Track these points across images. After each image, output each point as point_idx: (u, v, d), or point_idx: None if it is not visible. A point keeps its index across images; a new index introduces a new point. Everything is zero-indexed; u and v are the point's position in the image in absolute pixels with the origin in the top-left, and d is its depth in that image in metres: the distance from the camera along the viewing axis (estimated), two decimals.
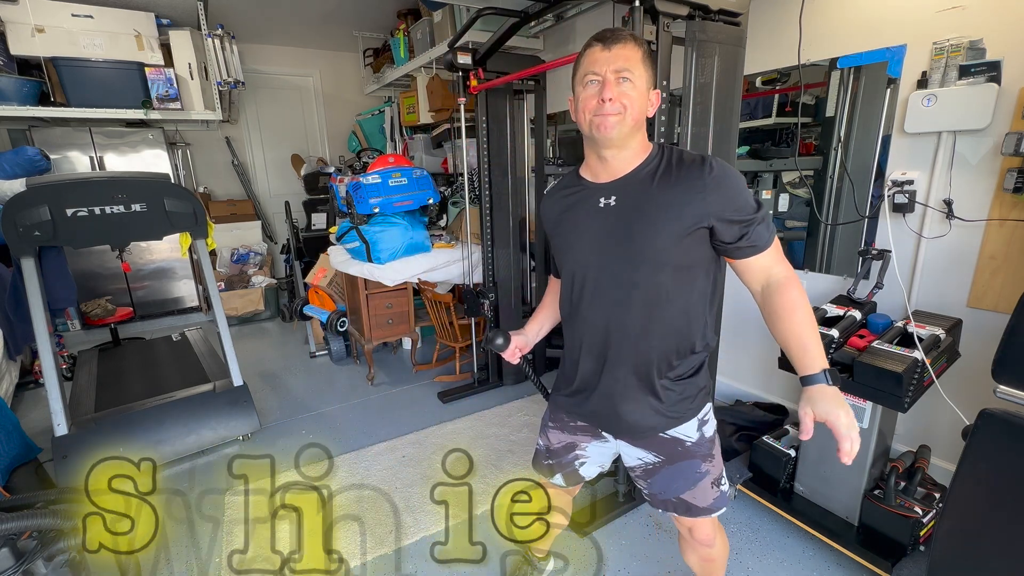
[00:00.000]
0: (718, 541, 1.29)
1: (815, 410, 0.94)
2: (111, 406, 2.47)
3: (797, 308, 1.01)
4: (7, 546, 1.12)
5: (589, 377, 1.18)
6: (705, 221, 1.01)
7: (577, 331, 1.18)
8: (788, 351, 1.02)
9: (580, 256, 1.13)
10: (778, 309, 1.02)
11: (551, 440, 1.34)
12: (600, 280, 1.10)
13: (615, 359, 1.12)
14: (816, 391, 0.95)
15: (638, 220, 1.04)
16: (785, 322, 1.01)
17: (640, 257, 1.04)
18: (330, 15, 4.11)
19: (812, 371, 0.97)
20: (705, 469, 1.17)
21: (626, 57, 0.99)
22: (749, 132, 2.38)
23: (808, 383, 0.97)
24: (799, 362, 0.99)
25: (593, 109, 1.01)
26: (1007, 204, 1.63)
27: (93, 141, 3.93)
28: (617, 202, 1.07)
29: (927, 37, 1.74)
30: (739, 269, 1.08)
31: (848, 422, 0.91)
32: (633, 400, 1.13)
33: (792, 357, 1.01)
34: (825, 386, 0.95)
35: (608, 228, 1.07)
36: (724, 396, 2.62)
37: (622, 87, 0.99)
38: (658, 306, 1.07)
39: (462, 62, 2.53)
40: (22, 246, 2.11)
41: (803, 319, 1.00)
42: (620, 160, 1.07)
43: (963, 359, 1.73)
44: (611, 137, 1.01)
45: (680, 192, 1.01)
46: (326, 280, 3.56)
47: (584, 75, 1.03)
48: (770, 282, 1.05)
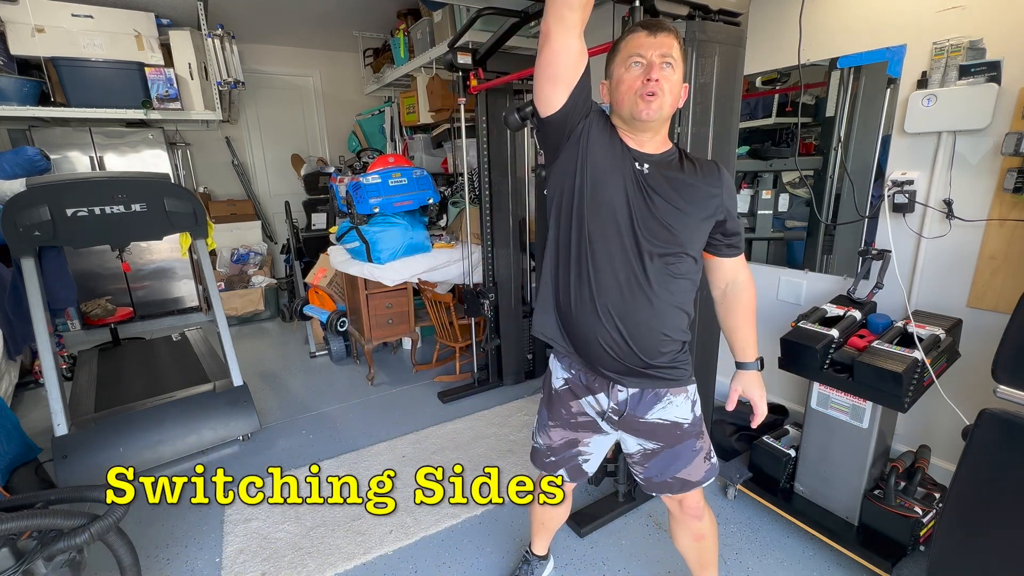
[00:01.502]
0: (707, 515, 1.35)
1: (743, 388, 1.28)
2: (111, 406, 2.47)
3: (751, 308, 1.26)
4: (7, 546, 1.12)
5: (586, 325, 1.15)
6: (720, 213, 1.14)
7: (584, 280, 1.13)
8: (734, 341, 1.28)
9: (610, 192, 1.08)
10: (738, 307, 1.25)
11: (552, 438, 1.34)
12: (618, 240, 1.09)
13: (620, 315, 1.12)
14: (749, 375, 1.27)
15: (670, 193, 1.09)
16: (740, 319, 1.26)
17: (665, 226, 1.09)
18: (330, 15, 4.11)
19: (750, 360, 1.27)
20: (699, 446, 1.27)
21: (669, 45, 1.04)
22: (749, 132, 2.38)
23: (744, 368, 1.28)
24: (742, 352, 1.27)
25: (638, 89, 1.04)
26: (1007, 204, 1.63)
27: (93, 141, 3.92)
28: (650, 171, 1.10)
29: (927, 37, 1.74)
30: (713, 265, 1.25)
31: (762, 396, 1.27)
32: (631, 353, 1.15)
33: (736, 346, 1.28)
34: (756, 372, 1.27)
35: (641, 189, 1.09)
36: (724, 396, 2.61)
37: (665, 71, 1.04)
38: (669, 276, 1.12)
39: (462, 62, 2.53)
40: (22, 246, 2.11)
41: (752, 318, 1.26)
42: (651, 143, 1.13)
43: (963, 359, 1.73)
44: (651, 120, 1.06)
45: (705, 183, 1.12)
46: (326, 280, 3.56)
47: (628, 57, 1.06)
48: (736, 281, 1.24)
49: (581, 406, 1.27)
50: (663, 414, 1.21)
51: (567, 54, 1.00)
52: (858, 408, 1.66)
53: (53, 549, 1.15)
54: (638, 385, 1.18)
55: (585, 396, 1.26)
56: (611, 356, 1.15)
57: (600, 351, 1.15)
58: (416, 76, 3.92)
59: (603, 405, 1.23)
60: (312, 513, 2.02)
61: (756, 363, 1.27)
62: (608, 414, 1.24)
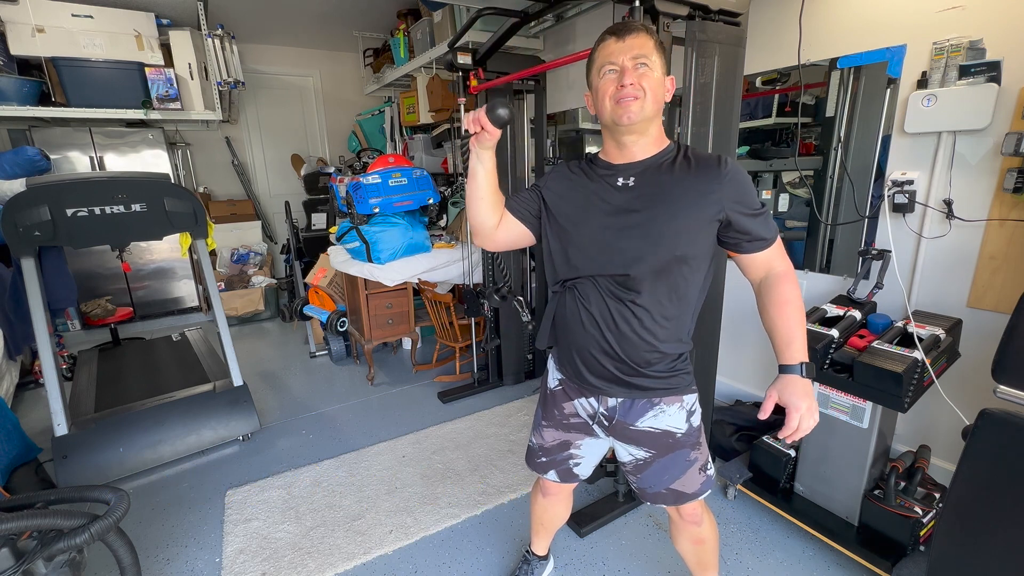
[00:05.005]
0: (706, 520, 1.34)
1: (781, 395, 1.04)
2: (111, 406, 2.47)
3: (790, 302, 1.07)
4: (7, 546, 1.12)
5: (582, 344, 1.17)
6: (720, 213, 1.05)
7: (570, 306, 1.17)
8: (774, 339, 1.09)
9: (587, 232, 1.11)
10: (773, 300, 1.08)
11: (544, 438, 1.35)
12: (606, 258, 1.10)
13: (613, 335, 1.12)
14: (789, 379, 1.04)
15: (658, 202, 1.06)
16: (776, 313, 1.07)
17: (655, 237, 1.06)
18: (330, 15, 4.11)
19: (792, 362, 1.05)
20: (694, 457, 1.22)
21: (640, 45, 1.02)
22: (749, 132, 2.38)
23: (785, 371, 1.05)
24: (782, 352, 1.07)
25: (613, 94, 1.03)
26: (1007, 204, 1.63)
27: (93, 141, 3.93)
28: (636, 183, 1.09)
29: (927, 37, 1.74)
30: (743, 262, 1.14)
31: (807, 414, 1.01)
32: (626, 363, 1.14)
33: (776, 346, 1.08)
34: (798, 376, 1.03)
35: (625, 206, 1.08)
36: (724, 396, 2.62)
37: (640, 72, 1.02)
38: (664, 288, 1.09)
39: (462, 62, 2.53)
40: (22, 246, 2.11)
41: (793, 312, 1.06)
42: (639, 147, 1.10)
43: (963, 359, 1.73)
44: (633, 122, 1.04)
45: (699, 182, 1.06)
46: (326, 280, 3.56)
47: (601, 67, 1.06)
48: (770, 274, 1.11)
49: (574, 407, 1.27)
50: (654, 422, 1.19)
51: (509, 243, 1.24)
52: (858, 408, 1.66)
53: (53, 549, 1.15)
54: (627, 396, 1.17)
55: (578, 398, 1.25)
56: (603, 368, 1.16)
57: (593, 364, 1.17)
58: (416, 76, 3.92)
59: (594, 408, 1.23)
60: (312, 513, 2.02)
61: (799, 367, 1.04)
62: (599, 418, 1.23)
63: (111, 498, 1.24)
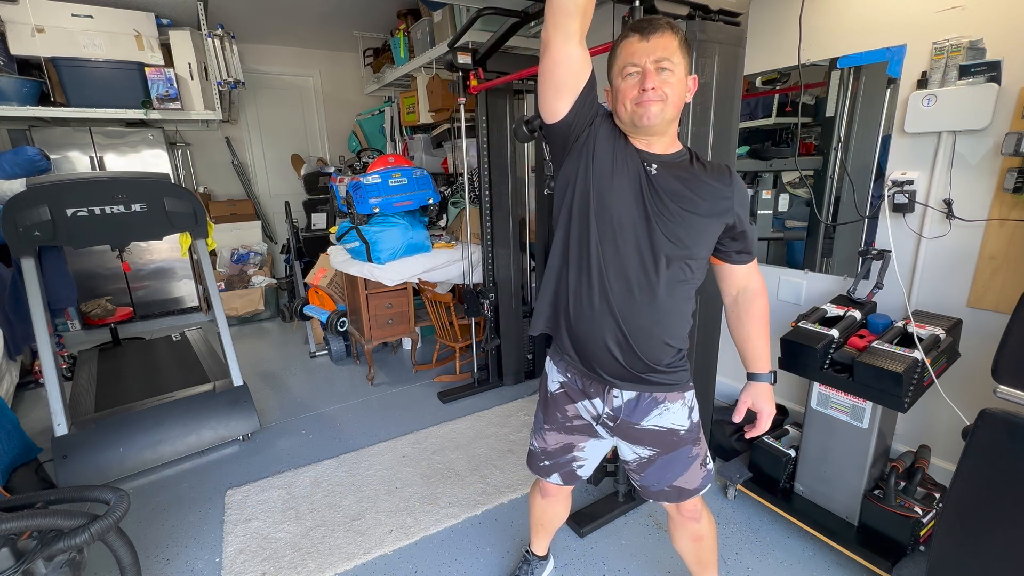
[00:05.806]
0: (705, 517, 1.35)
1: (755, 400, 1.21)
2: (111, 406, 2.47)
3: (764, 317, 1.20)
4: (7, 546, 1.11)
5: (587, 330, 1.14)
6: (730, 217, 1.10)
7: (579, 288, 1.13)
8: (746, 350, 1.21)
9: (617, 192, 1.07)
10: (751, 314, 1.20)
11: (547, 442, 1.34)
12: (628, 242, 1.07)
13: (626, 318, 1.10)
14: (761, 387, 1.21)
15: (681, 193, 1.07)
16: (753, 326, 1.20)
17: (677, 228, 1.06)
18: (330, 15, 4.11)
19: (765, 371, 1.21)
20: (695, 453, 1.25)
21: (664, 46, 1.00)
22: (749, 132, 2.38)
23: (756, 379, 1.21)
24: (755, 361, 1.21)
25: (635, 99, 1.03)
26: (1007, 204, 1.63)
27: (93, 141, 3.92)
28: (659, 172, 1.08)
29: (927, 37, 1.74)
30: (726, 272, 1.21)
31: (770, 414, 1.20)
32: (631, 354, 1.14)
33: (749, 356, 1.21)
34: (768, 384, 1.21)
35: (653, 191, 1.07)
36: (724, 396, 2.62)
37: (662, 76, 1.01)
38: (677, 282, 1.10)
39: (462, 62, 2.53)
40: (22, 246, 2.11)
41: (765, 327, 1.20)
42: (658, 145, 1.10)
43: (963, 359, 1.73)
44: (653, 124, 1.04)
45: (716, 185, 1.09)
46: (326, 280, 3.56)
47: (623, 66, 1.04)
48: (748, 288, 1.20)
49: (577, 410, 1.26)
50: (659, 420, 1.19)
51: (568, 63, 1.00)
52: (858, 408, 1.66)
53: (53, 549, 1.15)
54: (635, 389, 1.17)
55: (581, 400, 1.24)
56: (612, 359, 1.14)
57: (602, 354, 1.14)
58: (416, 76, 3.92)
59: (599, 410, 1.22)
60: (312, 513, 2.02)
61: (769, 375, 1.20)
62: (603, 419, 1.23)
63: (111, 498, 1.24)
